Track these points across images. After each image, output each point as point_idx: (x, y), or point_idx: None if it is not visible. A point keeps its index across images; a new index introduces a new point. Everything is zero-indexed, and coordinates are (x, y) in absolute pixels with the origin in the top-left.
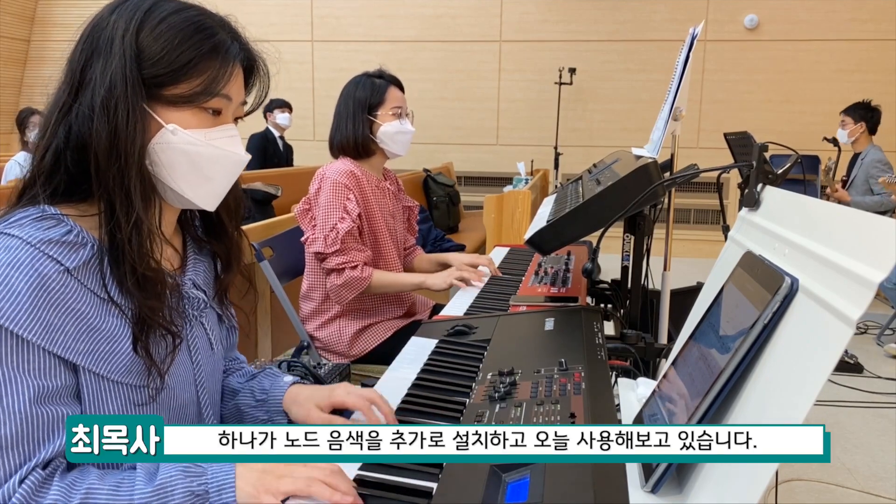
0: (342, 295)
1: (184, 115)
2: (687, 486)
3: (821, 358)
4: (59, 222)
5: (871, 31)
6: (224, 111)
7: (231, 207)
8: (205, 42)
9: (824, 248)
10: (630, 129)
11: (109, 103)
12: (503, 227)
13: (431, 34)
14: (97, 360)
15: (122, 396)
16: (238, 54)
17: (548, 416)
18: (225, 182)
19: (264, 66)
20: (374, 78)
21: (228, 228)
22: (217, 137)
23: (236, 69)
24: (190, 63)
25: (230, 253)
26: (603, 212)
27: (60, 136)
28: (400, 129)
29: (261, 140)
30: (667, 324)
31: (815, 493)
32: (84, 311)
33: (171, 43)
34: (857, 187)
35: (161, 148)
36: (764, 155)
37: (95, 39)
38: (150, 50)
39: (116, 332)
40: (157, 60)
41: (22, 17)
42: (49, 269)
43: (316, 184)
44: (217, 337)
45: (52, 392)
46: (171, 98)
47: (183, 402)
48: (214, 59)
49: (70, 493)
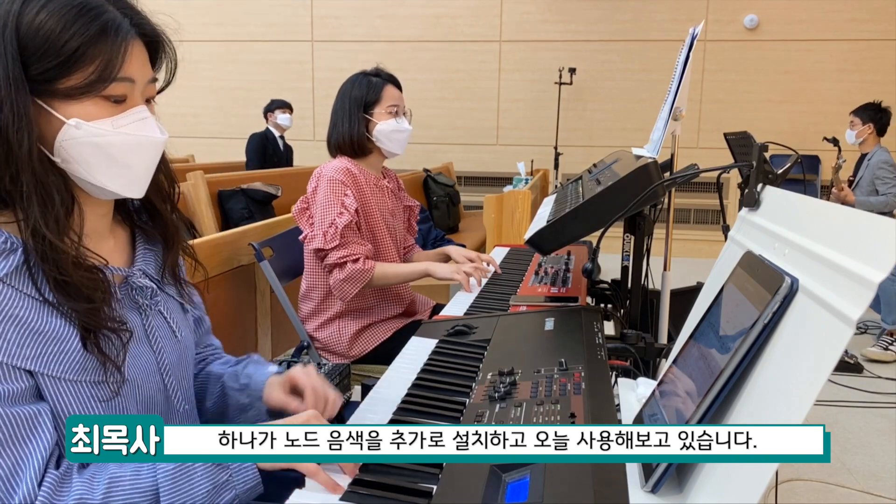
0: (345, 290)
1: (84, 106)
2: (687, 486)
3: (821, 358)
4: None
5: (871, 31)
6: (129, 95)
7: (163, 186)
8: (91, 24)
9: (824, 248)
10: (630, 129)
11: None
12: (503, 227)
13: (431, 34)
14: (48, 363)
15: (82, 394)
16: (130, 30)
17: (548, 416)
18: (144, 167)
19: (167, 37)
20: (371, 76)
21: (160, 208)
22: (126, 123)
23: (133, 47)
24: (78, 50)
25: (168, 232)
26: (603, 212)
27: None
28: (396, 127)
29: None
30: (667, 324)
31: (815, 493)
32: (23, 316)
33: (53, 32)
34: (862, 188)
35: (69, 144)
36: (764, 155)
37: None
38: (32, 44)
39: (62, 333)
40: (43, 54)
41: None
42: None
43: (313, 182)
44: (180, 324)
45: (17, 394)
46: (66, 91)
47: (149, 392)
48: (104, 42)
49: (92, 485)
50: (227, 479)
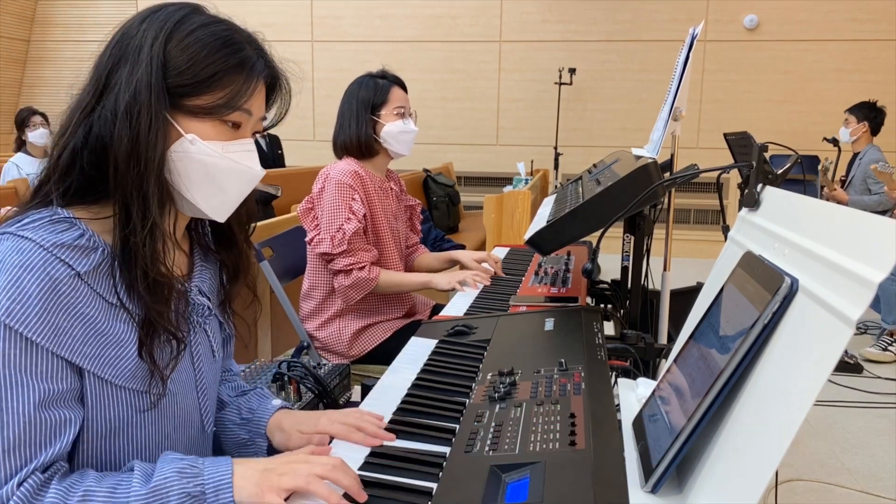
0: (350, 295)
1: (203, 126)
2: (687, 486)
3: (821, 358)
4: (72, 226)
5: (871, 31)
6: (243, 125)
7: (243, 219)
8: (231, 57)
9: (824, 248)
10: (630, 129)
11: (133, 109)
12: (503, 227)
13: (431, 34)
14: (103, 365)
15: (124, 402)
16: (262, 71)
17: (548, 416)
18: (237, 195)
19: (287, 83)
20: (378, 78)
21: (238, 239)
22: (234, 151)
23: (259, 85)
24: (215, 76)
25: (238, 263)
26: (603, 212)
27: (80, 136)
28: (403, 128)
29: None
30: (667, 324)
31: (815, 493)
32: (92, 316)
33: (197, 55)
34: (855, 187)
35: (178, 157)
36: (764, 155)
37: (124, 46)
38: (176, 60)
39: (123, 337)
40: (183, 71)
41: (22, 17)
42: (60, 272)
43: (319, 183)
44: (219, 345)
45: (56, 396)
46: (192, 109)
47: (186, 408)
48: (239, 74)
49: (68, 495)
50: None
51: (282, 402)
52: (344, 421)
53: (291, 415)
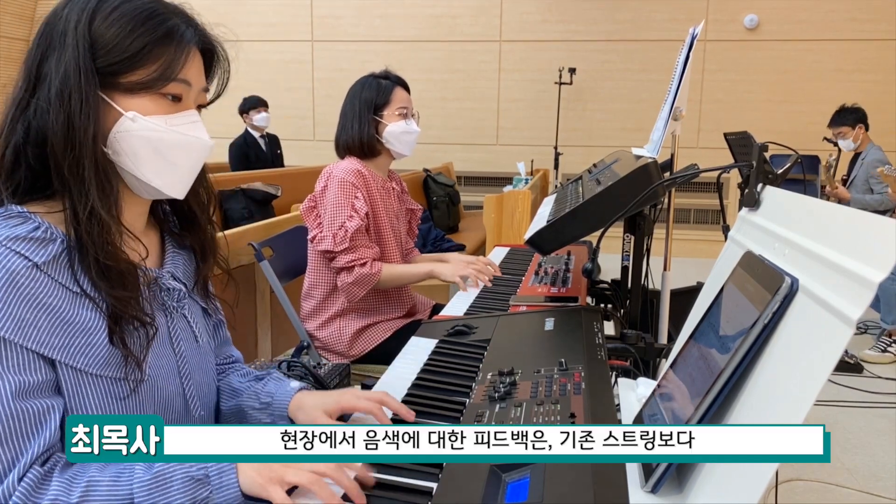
0: (353, 292)
1: (143, 101)
2: (687, 486)
3: (821, 358)
4: (26, 219)
5: (870, 31)
6: (184, 97)
7: (202, 199)
8: (158, 28)
9: (824, 248)
10: (630, 129)
11: (64, 94)
12: (503, 227)
13: (431, 34)
14: (73, 354)
15: (101, 390)
16: (193, 38)
17: (548, 416)
18: (190, 168)
19: (223, 50)
20: (380, 79)
21: (201, 220)
22: (179, 123)
23: (192, 53)
24: (144, 49)
25: (205, 244)
26: (603, 212)
27: (19, 132)
28: (406, 129)
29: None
30: (667, 324)
31: (815, 493)
32: (56, 306)
33: (123, 30)
34: (857, 186)
35: (122, 136)
36: (764, 155)
37: (49, 34)
38: (103, 39)
39: (91, 325)
40: (111, 49)
41: (22, 17)
42: (17, 265)
43: (322, 182)
44: (202, 329)
45: (32, 386)
46: (128, 85)
47: (168, 394)
48: (169, 45)
49: (71, 486)
50: (206, 497)
51: (300, 383)
52: (369, 396)
53: (312, 394)
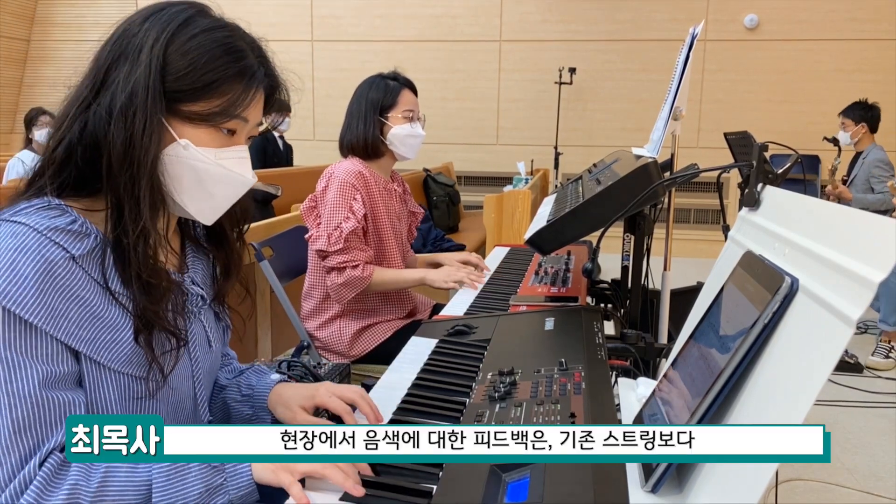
0: (342, 294)
1: (198, 132)
2: (687, 486)
3: (821, 358)
4: (65, 212)
5: (871, 31)
6: (239, 132)
7: (236, 217)
8: (232, 65)
9: (824, 248)
10: (630, 129)
11: (129, 110)
12: (503, 227)
13: (431, 34)
14: (98, 349)
15: (121, 387)
16: (262, 80)
17: (548, 416)
18: (227, 201)
19: (286, 93)
20: (389, 80)
21: (229, 236)
22: (227, 157)
23: (258, 94)
24: (214, 83)
25: (230, 260)
26: (603, 212)
27: (75, 130)
28: (410, 132)
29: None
30: (667, 324)
31: (815, 493)
32: (87, 299)
33: (198, 61)
34: (857, 186)
35: (169, 160)
36: (764, 155)
37: (124, 44)
38: (176, 64)
39: (118, 322)
40: (182, 76)
41: (22, 17)
42: (55, 255)
43: (323, 182)
44: (215, 335)
45: (58, 377)
46: (188, 114)
47: (181, 397)
48: (238, 83)
49: (89, 472)
50: (221, 483)
51: (279, 375)
52: (342, 395)
53: (290, 387)
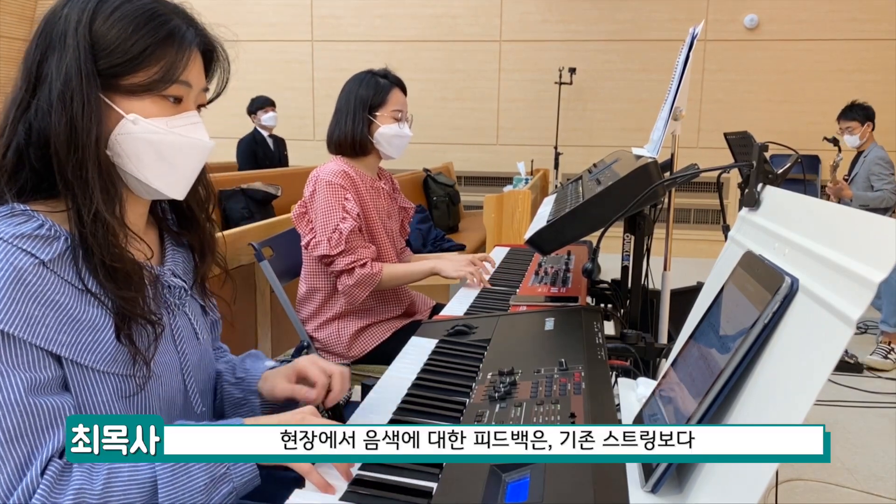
0: (356, 294)
1: (144, 104)
2: (687, 486)
3: (821, 358)
4: (30, 218)
5: (871, 31)
6: (185, 98)
7: (201, 198)
8: (159, 29)
9: (824, 248)
10: (630, 129)
11: (65, 96)
12: (503, 227)
13: (431, 34)
14: (80, 351)
15: (109, 387)
16: (194, 40)
17: (548, 416)
18: (190, 169)
19: (223, 50)
20: (379, 77)
21: (199, 218)
22: (179, 125)
23: (193, 55)
24: (145, 51)
25: (204, 243)
26: (603, 212)
27: (21, 133)
28: (398, 132)
29: (249, 144)
30: (667, 324)
31: (815, 493)
32: (63, 303)
33: (125, 32)
34: (857, 184)
35: (123, 139)
36: (764, 155)
37: (49, 34)
38: (104, 40)
39: (98, 322)
40: (112, 50)
41: (22, 17)
42: (24, 262)
43: (310, 186)
44: (202, 327)
45: (44, 383)
46: (129, 87)
47: (171, 391)
48: (170, 46)
49: (92, 475)
50: (224, 472)
51: (274, 362)
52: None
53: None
